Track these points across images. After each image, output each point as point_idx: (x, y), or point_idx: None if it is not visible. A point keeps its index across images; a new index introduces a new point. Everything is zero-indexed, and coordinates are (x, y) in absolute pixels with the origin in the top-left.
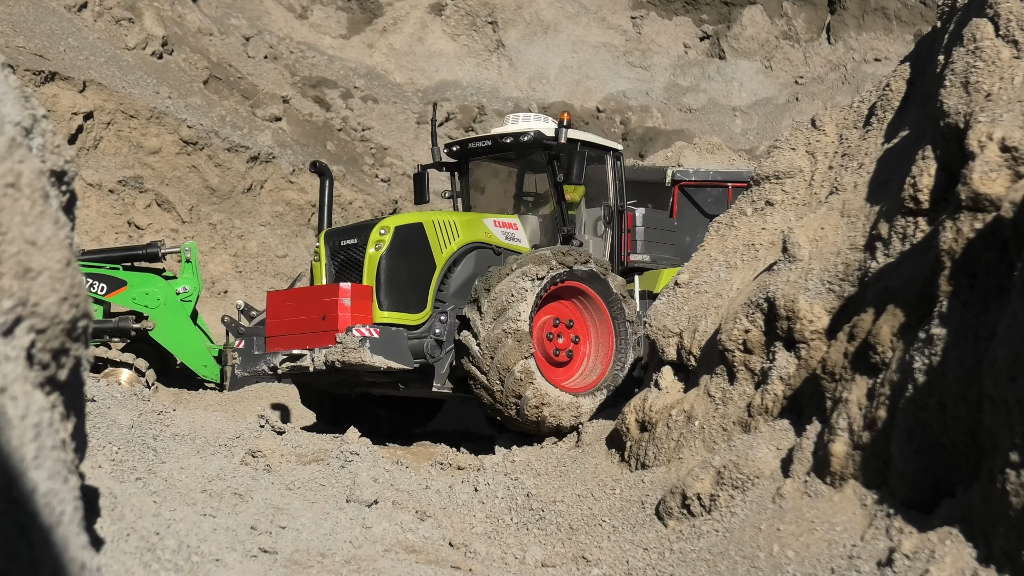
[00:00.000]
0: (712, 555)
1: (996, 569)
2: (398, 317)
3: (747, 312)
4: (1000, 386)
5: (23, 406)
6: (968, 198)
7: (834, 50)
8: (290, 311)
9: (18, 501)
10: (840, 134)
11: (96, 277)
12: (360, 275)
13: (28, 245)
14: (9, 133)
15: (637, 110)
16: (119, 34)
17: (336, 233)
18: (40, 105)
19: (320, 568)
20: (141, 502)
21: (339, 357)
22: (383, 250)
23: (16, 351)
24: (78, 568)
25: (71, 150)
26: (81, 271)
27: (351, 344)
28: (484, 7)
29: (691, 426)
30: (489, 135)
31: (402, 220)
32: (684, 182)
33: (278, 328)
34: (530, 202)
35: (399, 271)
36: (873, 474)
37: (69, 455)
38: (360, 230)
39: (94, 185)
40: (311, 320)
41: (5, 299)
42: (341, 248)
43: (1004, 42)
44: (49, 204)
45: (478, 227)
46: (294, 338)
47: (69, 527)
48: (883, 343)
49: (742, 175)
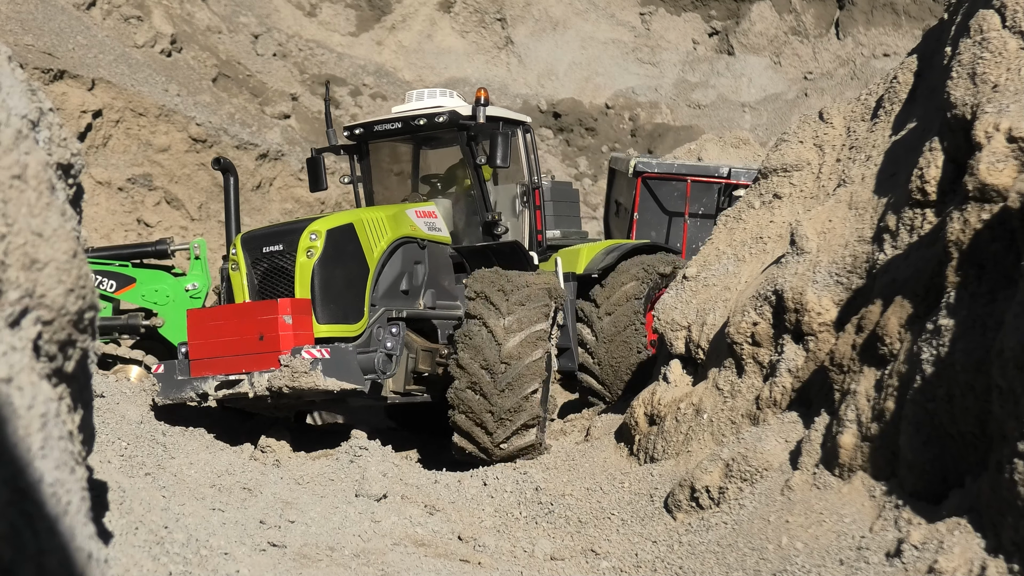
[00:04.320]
0: (721, 547)
1: (1005, 559)
2: (337, 330)
3: (755, 305)
4: (1008, 376)
5: (29, 396)
6: (975, 189)
7: (843, 45)
8: (217, 331)
9: (24, 490)
10: (848, 127)
11: (105, 274)
12: (288, 285)
13: (34, 236)
14: (15, 125)
15: (646, 106)
16: (128, 32)
17: (256, 239)
18: (47, 99)
19: (329, 562)
20: (150, 496)
21: (288, 382)
22: (315, 257)
23: (23, 342)
24: (85, 557)
25: (78, 143)
26: (89, 265)
27: (300, 367)
28: (493, 4)
29: (700, 419)
30: (399, 116)
31: (332, 223)
32: (647, 174)
33: (204, 350)
34: (437, 185)
35: (335, 279)
36: (882, 465)
37: (76, 446)
38: (285, 235)
39: (103, 183)
40: (245, 341)
41: (11, 290)
42: (264, 256)
43: (1011, 33)
44: (55, 196)
45: (403, 221)
46: (225, 361)
47: (76, 517)
48: (891, 334)
49: (708, 170)
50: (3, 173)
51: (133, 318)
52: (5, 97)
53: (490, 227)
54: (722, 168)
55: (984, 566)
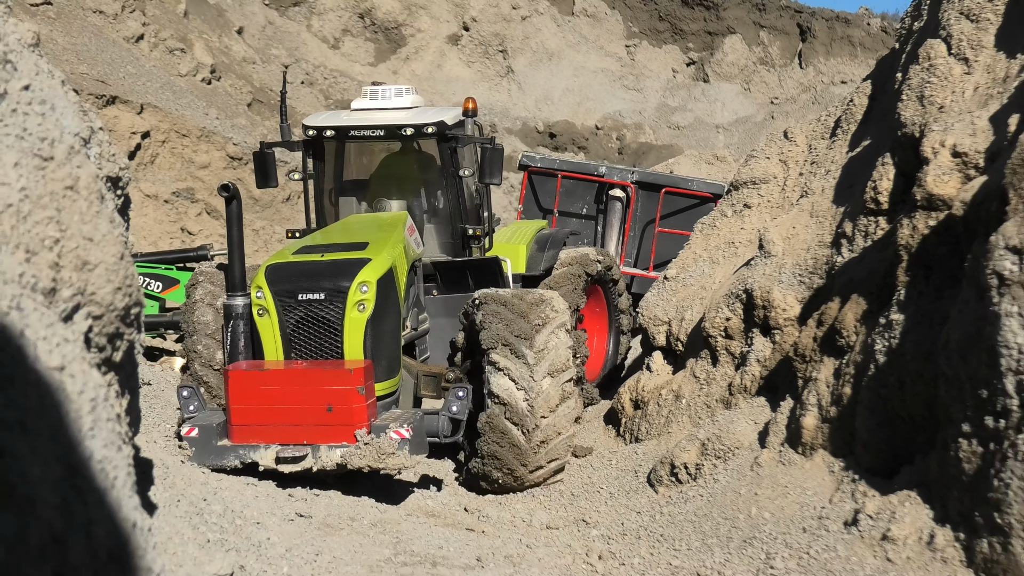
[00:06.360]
0: (697, 517)
1: (951, 528)
2: (379, 388)
3: (728, 302)
4: (953, 365)
5: (80, 383)
6: (923, 199)
7: (805, 74)
8: (269, 396)
9: (75, 467)
10: (809, 144)
11: (153, 276)
12: (332, 340)
13: (86, 241)
14: (68, 142)
15: (631, 127)
16: (172, 62)
17: (287, 278)
18: (97, 118)
19: (350, 530)
20: (191, 472)
21: (371, 462)
22: (368, 312)
23: (75, 335)
24: (130, 526)
25: (125, 159)
26: (137, 269)
27: (387, 448)
28: (496, 37)
29: (679, 404)
30: (381, 124)
31: (379, 269)
32: (532, 168)
33: (250, 416)
34: (393, 188)
35: (383, 334)
36: (840, 444)
37: (123, 427)
38: (325, 280)
39: (151, 196)
40: (308, 410)
41: (65, 289)
42: (300, 303)
43: (956, 60)
44: (105, 205)
45: (408, 246)
46: (279, 429)
47: (122, 490)
48: (848, 328)
49: (586, 168)
50: (57, 184)
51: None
52: (59, 117)
53: (471, 240)
54: (600, 167)
55: (932, 534)
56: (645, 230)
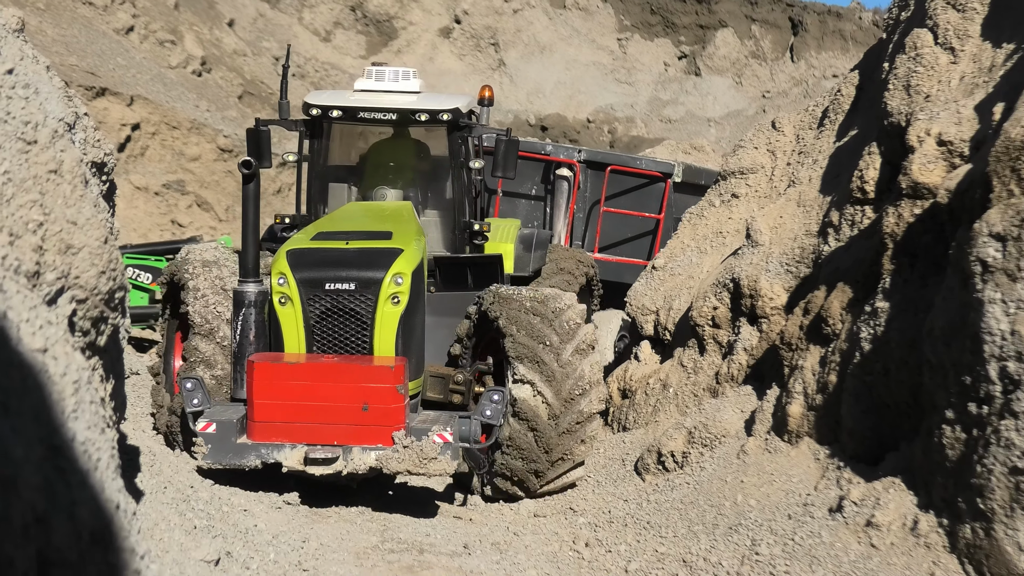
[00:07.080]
0: (684, 504)
1: (935, 514)
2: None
3: (715, 291)
4: (937, 352)
5: (63, 365)
6: (909, 187)
7: (797, 67)
8: (297, 392)
9: (58, 448)
10: (797, 134)
11: (143, 268)
12: (361, 333)
13: (69, 224)
14: (51, 126)
15: (623, 121)
16: (163, 54)
17: (311, 264)
18: (82, 104)
19: (338, 518)
20: (178, 460)
21: (412, 467)
22: (402, 305)
23: (59, 318)
24: (113, 508)
25: (111, 145)
26: (126, 260)
27: (430, 452)
28: (487, 30)
29: (666, 393)
30: (395, 108)
31: (412, 262)
32: None
33: (275, 412)
34: (389, 175)
35: (414, 330)
36: (825, 432)
37: (107, 411)
38: (354, 268)
39: (141, 188)
40: (341, 408)
41: (49, 272)
42: (327, 293)
43: (942, 49)
44: (89, 190)
45: (422, 237)
46: (307, 428)
47: (106, 472)
48: (834, 316)
49: (533, 147)
50: (41, 168)
51: None
52: (43, 101)
53: (474, 235)
54: (548, 146)
55: (916, 520)
56: (591, 210)
